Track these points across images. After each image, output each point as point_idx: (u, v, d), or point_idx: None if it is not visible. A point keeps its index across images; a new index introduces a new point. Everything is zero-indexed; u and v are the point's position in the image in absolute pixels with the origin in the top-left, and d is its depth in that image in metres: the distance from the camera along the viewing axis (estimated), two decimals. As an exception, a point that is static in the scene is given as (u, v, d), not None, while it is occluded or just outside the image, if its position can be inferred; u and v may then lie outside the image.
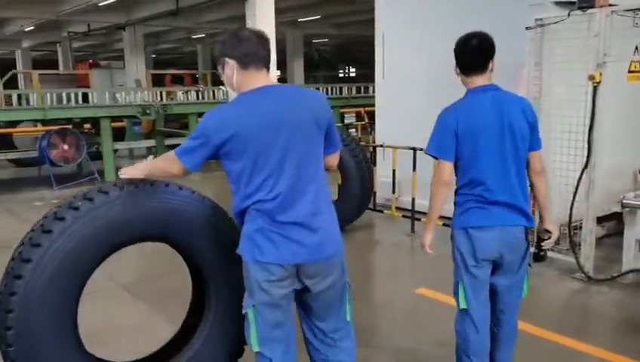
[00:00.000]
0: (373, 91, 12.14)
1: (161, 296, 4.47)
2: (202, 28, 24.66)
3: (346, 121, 13.17)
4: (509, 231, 2.57)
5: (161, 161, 2.35)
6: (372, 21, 7.84)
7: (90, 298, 4.58)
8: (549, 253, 4.81)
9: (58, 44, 27.45)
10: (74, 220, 2.21)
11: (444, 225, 6.49)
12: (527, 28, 4.83)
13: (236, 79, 2.16)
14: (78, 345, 2.36)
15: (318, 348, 2.36)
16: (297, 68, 26.90)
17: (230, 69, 2.15)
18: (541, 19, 4.77)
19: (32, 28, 24.00)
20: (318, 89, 14.15)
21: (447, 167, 2.56)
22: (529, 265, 2.75)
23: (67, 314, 2.27)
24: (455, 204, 2.65)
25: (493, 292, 2.69)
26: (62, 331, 2.25)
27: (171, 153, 2.22)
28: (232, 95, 2.37)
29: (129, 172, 2.36)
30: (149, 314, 4.01)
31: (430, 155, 2.64)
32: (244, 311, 2.22)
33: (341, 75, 40.65)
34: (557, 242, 4.93)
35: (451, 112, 2.59)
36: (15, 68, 27.35)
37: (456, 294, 2.70)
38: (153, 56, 33.14)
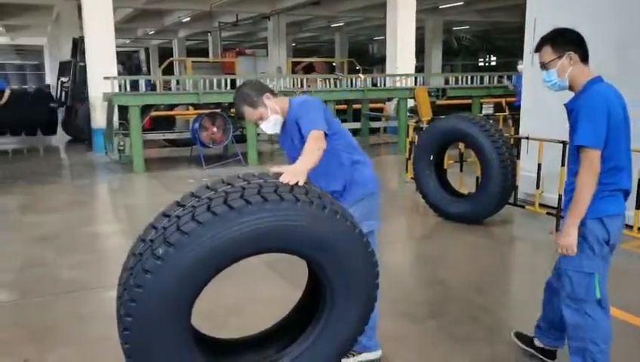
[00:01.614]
0: (518, 81, 11.54)
1: (300, 273, 4.68)
2: (342, 17, 25.07)
3: (484, 112, 12.63)
4: (624, 218, 2.65)
5: (313, 147, 2.62)
6: (516, 7, 7.47)
7: (235, 273, 4.96)
8: None
9: (209, 34, 29.55)
10: (210, 227, 2.20)
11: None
12: None
13: (279, 105, 2.98)
14: (189, 337, 2.38)
15: None
16: (435, 56, 26.25)
17: (271, 101, 2.96)
18: None
19: (187, 19, 26.07)
20: (456, 78, 13.81)
21: (598, 156, 2.47)
22: None
23: (183, 316, 2.29)
24: None
25: None
26: (177, 330, 2.28)
27: (314, 133, 2.69)
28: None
29: (299, 171, 2.44)
30: (287, 289, 4.23)
31: (583, 147, 2.46)
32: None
33: (480, 64, 38.91)
34: None
35: (601, 98, 2.48)
36: (172, 56, 29.96)
37: (587, 286, 2.60)
38: (293, 45, 34.39)
